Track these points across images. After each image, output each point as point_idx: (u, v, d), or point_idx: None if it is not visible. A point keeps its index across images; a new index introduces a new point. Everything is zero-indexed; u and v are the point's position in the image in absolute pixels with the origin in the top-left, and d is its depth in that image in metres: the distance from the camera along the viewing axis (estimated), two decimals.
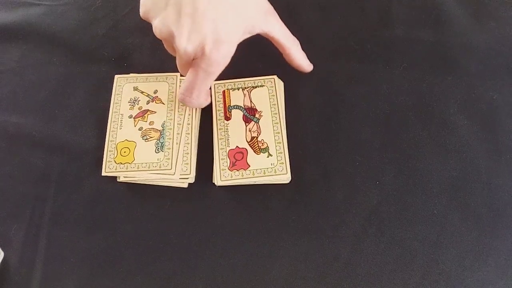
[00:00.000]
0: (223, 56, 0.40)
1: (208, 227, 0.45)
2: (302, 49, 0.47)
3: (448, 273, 0.42)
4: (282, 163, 0.45)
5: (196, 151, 0.47)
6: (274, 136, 0.47)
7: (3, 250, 0.44)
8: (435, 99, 0.50)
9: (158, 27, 0.39)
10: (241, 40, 0.42)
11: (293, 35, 0.46)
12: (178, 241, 0.44)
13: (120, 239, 0.45)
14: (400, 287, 0.42)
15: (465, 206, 0.45)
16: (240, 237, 0.44)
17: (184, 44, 0.39)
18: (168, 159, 0.46)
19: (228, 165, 0.46)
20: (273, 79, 0.50)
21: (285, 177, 0.45)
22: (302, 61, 0.47)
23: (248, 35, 0.43)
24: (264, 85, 0.49)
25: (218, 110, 0.49)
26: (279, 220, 0.45)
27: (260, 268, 0.43)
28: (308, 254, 0.43)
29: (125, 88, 0.50)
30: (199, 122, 0.49)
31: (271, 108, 0.48)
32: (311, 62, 0.48)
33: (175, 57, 0.53)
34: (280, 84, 0.50)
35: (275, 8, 0.44)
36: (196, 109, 0.49)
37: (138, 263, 0.44)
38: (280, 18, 0.45)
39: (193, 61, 0.42)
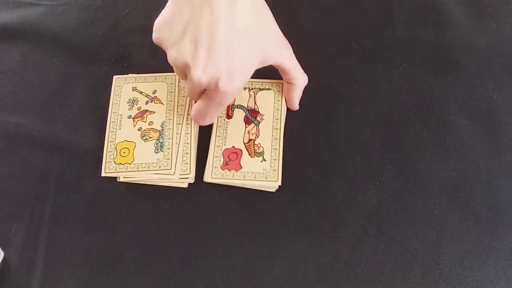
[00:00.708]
0: (236, 88, 0.40)
1: (208, 227, 0.45)
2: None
3: (448, 273, 0.42)
4: (275, 170, 0.45)
5: (195, 151, 0.47)
6: (272, 142, 0.47)
7: (3, 250, 0.44)
8: (435, 99, 0.50)
9: (174, 56, 0.39)
10: (253, 71, 0.42)
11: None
12: (178, 241, 0.44)
13: (120, 239, 0.45)
14: (400, 287, 0.42)
15: (465, 206, 0.45)
16: (240, 237, 0.44)
17: (199, 75, 0.39)
18: (168, 159, 0.46)
19: (221, 163, 0.46)
20: (281, 84, 0.49)
21: (274, 185, 0.45)
22: (295, 99, 0.48)
23: (261, 66, 0.42)
24: (271, 89, 0.49)
25: None
26: (279, 220, 0.45)
27: (260, 268, 0.43)
28: (308, 254, 0.43)
29: (124, 88, 0.50)
30: None
31: (273, 112, 0.48)
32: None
33: None
34: None
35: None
36: None
37: (138, 263, 0.44)
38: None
39: (205, 91, 0.42)
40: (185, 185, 0.46)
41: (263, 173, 0.45)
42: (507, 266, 0.42)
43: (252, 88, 0.49)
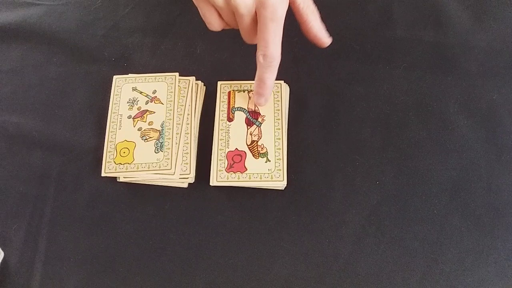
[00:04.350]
0: None
1: (208, 227, 0.45)
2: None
3: (448, 273, 0.42)
4: (280, 169, 0.45)
5: (195, 151, 0.47)
6: (275, 142, 0.47)
7: (3, 250, 0.44)
8: (435, 99, 0.50)
9: (218, 1, 0.39)
10: None
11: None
12: (178, 241, 0.44)
13: (120, 239, 0.45)
14: (400, 287, 0.42)
15: (465, 206, 0.45)
16: (240, 237, 0.44)
17: None
18: (168, 159, 0.46)
19: (226, 166, 0.46)
20: (279, 84, 0.49)
21: (280, 184, 0.45)
22: (319, 32, 0.44)
23: None
24: None
25: (222, 111, 0.49)
26: (279, 220, 0.45)
27: (260, 268, 0.43)
28: (308, 254, 0.43)
29: (124, 88, 0.50)
30: (198, 122, 0.49)
31: (274, 113, 0.48)
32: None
33: (175, 58, 0.53)
34: (286, 90, 0.50)
35: None
36: (195, 109, 0.49)
37: (138, 263, 0.44)
38: None
39: (259, 19, 0.40)
40: (185, 185, 0.46)
41: (268, 173, 0.45)
42: (507, 266, 0.42)
43: (251, 90, 0.50)
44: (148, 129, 0.48)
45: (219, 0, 0.40)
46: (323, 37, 0.45)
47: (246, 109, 0.49)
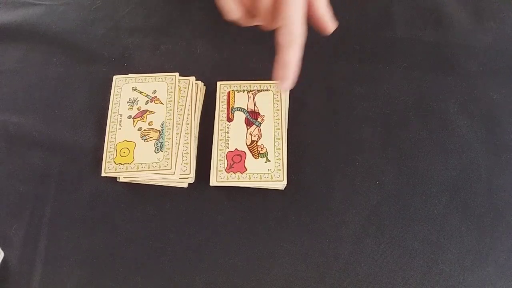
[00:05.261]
0: None
1: (208, 227, 0.45)
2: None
3: (448, 273, 0.42)
4: (280, 169, 0.45)
5: (195, 151, 0.47)
6: (274, 142, 0.47)
7: (3, 250, 0.44)
8: (435, 99, 0.50)
9: None
10: None
11: None
12: (178, 241, 0.44)
13: (120, 239, 0.45)
14: (400, 287, 0.42)
15: (465, 206, 0.45)
16: (240, 237, 0.44)
17: None
18: (168, 159, 0.46)
19: (225, 166, 0.46)
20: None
21: (280, 184, 0.45)
22: (324, 15, 0.41)
23: None
24: (269, 90, 0.49)
25: (221, 111, 0.49)
26: (279, 220, 0.45)
27: (260, 268, 0.43)
28: (308, 254, 0.43)
29: (124, 88, 0.50)
30: (198, 122, 0.49)
31: (274, 113, 0.48)
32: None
33: (175, 58, 0.53)
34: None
35: None
36: (195, 109, 0.49)
37: (138, 263, 0.44)
38: None
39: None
40: (185, 185, 0.46)
41: (268, 173, 0.45)
42: (507, 266, 0.42)
43: (250, 90, 0.50)
44: (148, 129, 0.48)
45: None
46: (327, 22, 0.42)
47: (246, 109, 0.49)
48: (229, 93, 0.50)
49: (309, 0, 0.41)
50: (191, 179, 0.46)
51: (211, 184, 0.45)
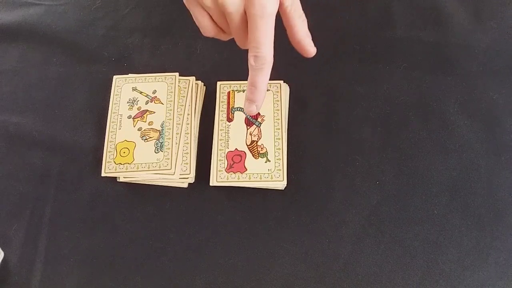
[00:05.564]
0: None
1: (208, 227, 0.45)
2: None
3: (448, 273, 0.42)
4: (280, 169, 0.45)
5: (195, 151, 0.47)
6: (274, 142, 0.47)
7: (3, 250, 0.44)
8: (435, 99, 0.50)
9: (207, 1, 0.39)
10: None
11: None
12: (178, 241, 0.44)
13: (120, 239, 0.45)
14: (400, 287, 0.42)
15: (465, 206, 0.45)
16: (240, 237, 0.44)
17: None
18: (168, 159, 0.46)
19: (225, 166, 0.46)
20: (279, 84, 0.49)
21: (280, 184, 0.45)
22: (304, 39, 0.42)
23: None
24: (269, 89, 0.49)
25: (221, 111, 0.49)
26: (279, 220, 0.45)
27: (260, 268, 0.43)
28: (308, 254, 0.43)
29: (124, 88, 0.50)
30: (198, 122, 0.49)
31: (274, 113, 0.48)
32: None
33: (175, 58, 0.53)
34: (286, 90, 0.50)
35: None
36: (195, 109, 0.49)
37: (138, 263, 0.44)
38: (281, 18, 0.44)
39: (248, 18, 0.39)
40: (185, 185, 0.46)
41: (268, 173, 0.45)
42: (507, 266, 0.42)
43: None
44: (148, 129, 0.48)
45: (207, 1, 0.39)
46: (307, 45, 0.42)
47: None
48: (229, 93, 0.50)
49: (289, 24, 0.42)
50: (191, 179, 0.46)
51: (211, 184, 0.45)
